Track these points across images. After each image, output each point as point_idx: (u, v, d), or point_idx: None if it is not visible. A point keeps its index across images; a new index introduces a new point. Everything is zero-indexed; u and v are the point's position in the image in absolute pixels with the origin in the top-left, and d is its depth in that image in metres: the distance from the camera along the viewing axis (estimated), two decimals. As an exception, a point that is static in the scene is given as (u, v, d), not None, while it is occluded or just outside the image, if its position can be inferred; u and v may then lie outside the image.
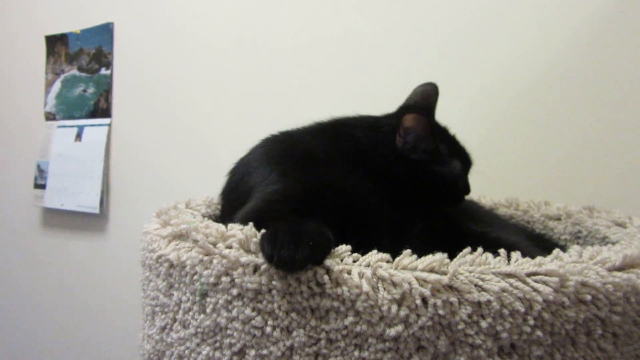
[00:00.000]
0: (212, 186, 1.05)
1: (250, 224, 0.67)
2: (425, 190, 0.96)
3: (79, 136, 2.28)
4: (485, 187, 1.38)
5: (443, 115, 1.50)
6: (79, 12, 2.28)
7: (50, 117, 2.39)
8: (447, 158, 0.99)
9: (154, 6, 2.06)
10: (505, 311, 0.56)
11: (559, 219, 1.21)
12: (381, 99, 1.54)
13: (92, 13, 2.23)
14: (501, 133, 1.47)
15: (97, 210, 2.19)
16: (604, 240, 1.08)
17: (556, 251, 0.64)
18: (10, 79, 2.51)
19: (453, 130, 1.44)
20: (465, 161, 1.05)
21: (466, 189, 1.03)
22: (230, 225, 0.70)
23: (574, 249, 0.66)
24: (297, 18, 1.75)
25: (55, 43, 2.37)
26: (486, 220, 1.16)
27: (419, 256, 0.73)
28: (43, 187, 2.38)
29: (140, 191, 2.13)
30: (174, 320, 0.72)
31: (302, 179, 0.84)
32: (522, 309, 0.56)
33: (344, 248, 0.64)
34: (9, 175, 2.53)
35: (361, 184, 0.89)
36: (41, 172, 2.39)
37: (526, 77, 1.42)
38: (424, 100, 1.11)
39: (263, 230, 0.66)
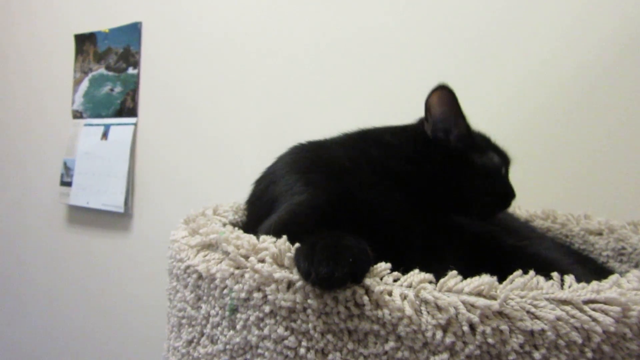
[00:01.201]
0: (237, 189, 1.02)
1: (284, 237, 0.64)
2: (465, 187, 0.89)
3: (105, 135, 2.28)
4: (519, 198, 1.34)
5: (475, 117, 1.46)
6: (108, 12, 2.28)
7: (77, 115, 2.40)
8: (484, 148, 0.93)
9: (182, 6, 2.05)
10: (561, 342, 0.52)
11: (600, 233, 1.15)
12: (406, 104, 1.52)
13: (120, 12, 2.23)
14: (537, 138, 1.40)
15: (121, 210, 2.18)
16: (652, 259, 1.03)
17: (615, 277, 0.59)
18: (40, 77, 2.53)
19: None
20: (502, 157, 0.98)
21: (510, 191, 0.96)
22: (262, 237, 0.66)
23: (634, 274, 0.61)
24: (325, 21, 1.71)
25: (84, 42, 2.38)
26: (522, 233, 1.11)
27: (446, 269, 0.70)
28: (69, 184, 2.38)
29: (164, 191, 2.12)
30: (202, 334, 0.69)
31: (328, 189, 0.80)
32: (580, 340, 0.52)
33: (383, 266, 0.61)
34: (36, 172, 2.54)
35: (390, 193, 0.84)
36: (67, 169, 2.40)
37: (568, 77, 1.36)
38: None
39: (297, 245, 0.62)
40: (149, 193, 2.18)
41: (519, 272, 0.58)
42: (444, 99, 0.86)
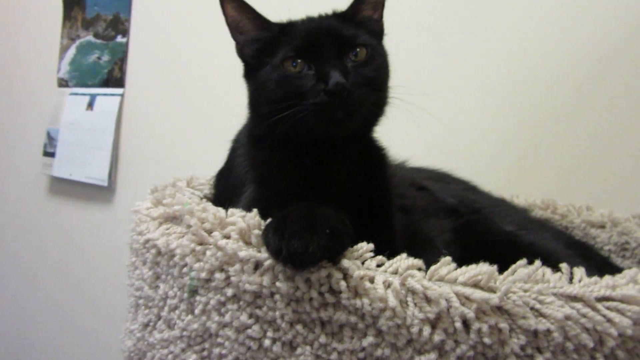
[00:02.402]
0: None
1: (255, 211, 0.56)
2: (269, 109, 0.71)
3: (90, 105, 2.19)
4: (517, 186, 1.26)
5: (483, 104, 1.38)
6: (98, -25, 2.17)
7: (63, 83, 2.30)
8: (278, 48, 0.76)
9: (174, -28, 1.95)
10: (569, 345, 0.44)
11: (603, 226, 1.08)
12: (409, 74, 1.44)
13: (111, -23, 2.12)
14: (537, 126, 1.32)
15: (105, 183, 2.10)
16: (658, 256, 0.96)
17: (632, 272, 0.50)
18: (25, 42, 2.42)
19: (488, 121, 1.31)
20: (302, 40, 0.76)
21: (324, 74, 0.70)
22: (231, 210, 0.58)
23: (652, 269, 0.53)
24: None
25: (73, 7, 2.27)
26: (518, 221, 1.03)
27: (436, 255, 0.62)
28: (52, 155, 2.29)
29: (150, 166, 2.03)
30: (158, 317, 0.61)
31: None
32: (591, 344, 0.44)
33: (365, 247, 0.52)
34: (18, 141, 2.44)
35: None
36: (51, 139, 2.30)
37: (569, 66, 1.28)
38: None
39: (269, 219, 0.54)
40: (134, 167, 2.09)
41: (523, 261, 0.50)
42: (236, 10, 0.79)
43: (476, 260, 0.57)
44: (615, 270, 0.97)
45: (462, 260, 0.61)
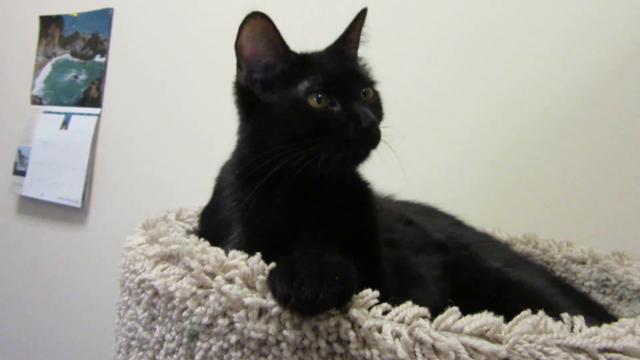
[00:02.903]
0: (205, 190, 0.93)
1: (258, 254, 0.55)
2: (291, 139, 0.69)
3: (65, 124, 2.15)
4: (500, 220, 1.28)
5: (460, 139, 1.41)
6: (78, -6, 2.15)
7: (36, 101, 2.25)
8: (297, 79, 0.73)
9: (157, -6, 1.94)
10: (576, 398, 0.45)
11: (583, 262, 1.10)
12: (408, 110, 1.45)
13: (92, -4, 2.10)
14: (520, 161, 1.36)
15: (78, 204, 2.05)
16: (638, 293, 0.98)
17: (630, 322, 0.52)
18: (-1, 57, 2.37)
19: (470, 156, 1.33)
20: (333, 76, 0.74)
21: (354, 115, 0.70)
22: (232, 252, 0.57)
23: (649, 318, 0.54)
24: (304, 6, 1.63)
25: (50, 24, 2.24)
26: (504, 258, 1.05)
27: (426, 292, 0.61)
28: (23, 174, 2.23)
29: (125, 188, 2.00)
30: (153, 360, 0.59)
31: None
32: (596, 397, 0.45)
33: (370, 294, 0.52)
34: (-13, 158, 2.38)
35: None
36: (22, 158, 2.25)
37: (550, 100, 1.32)
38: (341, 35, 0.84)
39: (272, 265, 0.54)
40: (109, 189, 2.05)
41: (527, 311, 0.51)
42: (257, 32, 0.73)
43: (467, 298, 0.58)
44: (595, 307, 1.00)
45: (451, 296, 0.61)
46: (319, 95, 0.71)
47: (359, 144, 0.70)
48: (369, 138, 0.70)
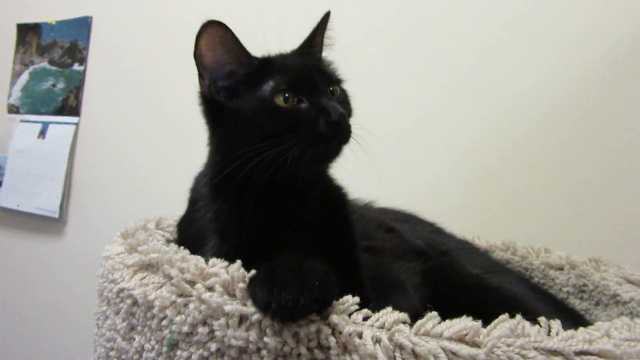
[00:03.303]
0: (185, 198, 0.92)
1: (239, 262, 0.55)
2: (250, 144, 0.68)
3: (42, 133, 2.12)
4: (480, 228, 1.30)
5: (440, 148, 1.42)
6: (57, 2, 2.13)
7: (13, 110, 2.22)
8: (261, 80, 0.74)
9: (137, 2, 1.93)
10: (553, 400, 0.45)
11: (561, 268, 1.12)
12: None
13: (70, 4, 2.08)
14: (499, 169, 1.38)
15: (56, 215, 2.02)
16: (614, 298, 0.99)
17: (605, 325, 0.53)
18: (-26, 65, 2.33)
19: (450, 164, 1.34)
20: (296, 74, 0.75)
21: (323, 110, 0.71)
22: (212, 260, 0.57)
23: (622, 321, 0.56)
24: (297, 19, 1.64)
25: (27, 32, 2.22)
26: (484, 264, 1.06)
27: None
28: (-1, 184, 2.20)
29: (104, 198, 1.97)
30: (133, 370, 0.58)
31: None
32: (573, 398, 0.46)
33: (351, 300, 0.53)
34: (-39, 169, 2.33)
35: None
36: (-3, 168, 2.21)
37: (529, 113, 1.34)
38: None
39: (252, 272, 0.54)
40: (87, 199, 2.02)
41: (505, 315, 0.51)
42: (215, 40, 0.73)
43: (447, 304, 0.58)
44: (572, 313, 1.02)
45: (432, 303, 0.62)
46: (286, 94, 0.71)
47: (330, 138, 0.69)
48: (340, 132, 0.70)
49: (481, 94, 1.39)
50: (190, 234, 0.76)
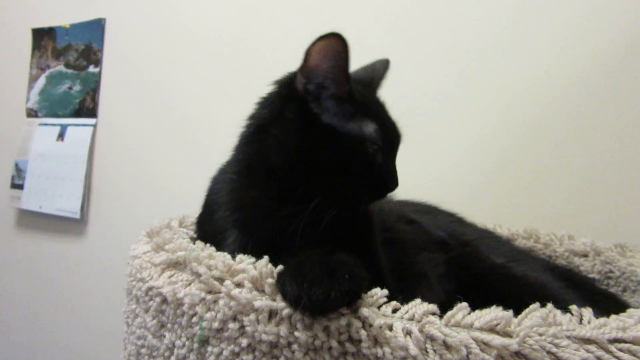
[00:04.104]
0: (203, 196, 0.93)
1: (266, 258, 0.55)
2: (327, 164, 0.70)
3: (61, 136, 2.14)
4: (501, 216, 1.29)
5: (458, 136, 1.42)
6: (70, 6, 2.14)
7: (32, 114, 2.25)
8: (360, 115, 0.73)
9: (149, 2, 1.94)
10: (587, 388, 0.45)
11: (585, 255, 1.11)
12: (391, 110, 1.46)
13: (83, 7, 2.10)
14: (519, 156, 1.36)
15: (77, 215, 2.04)
16: (643, 284, 0.99)
17: (638, 312, 0.52)
18: (-8, 71, 2.37)
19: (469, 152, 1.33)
20: (386, 130, 0.77)
21: (390, 175, 0.76)
22: (239, 257, 0.57)
23: (656, 307, 0.55)
24: (298, 15, 1.64)
25: (42, 37, 2.24)
26: (507, 253, 1.05)
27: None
28: (21, 187, 2.22)
29: (124, 198, 1.99)
30: (164, 367, 0.59)
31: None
32: (607, 386, 0.45)
33: (379, 292, 0.53)
34: (-16, 173, 2.37)
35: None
36: (19, 171, 2.24)
37: (548, 96, 1.33)
38: (367, 73, 0.87)
39: (280, 267, 0.54)
40: (107, 199, 2.04)
41: (536, 304, 0.51)
42: (332, 50, 0.69)
43: (472, 295, 0.58)
44: (602, 294, 1.00)
45: (456, 293, 0.62)
46: (375, 147, 0.73)
47: (380, 198, 0.76)
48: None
49: (500, 78, 1.37)
50: (209, 229, 0.75)
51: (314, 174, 0.69)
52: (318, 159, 0.70)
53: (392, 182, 0.75)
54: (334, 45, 0.68)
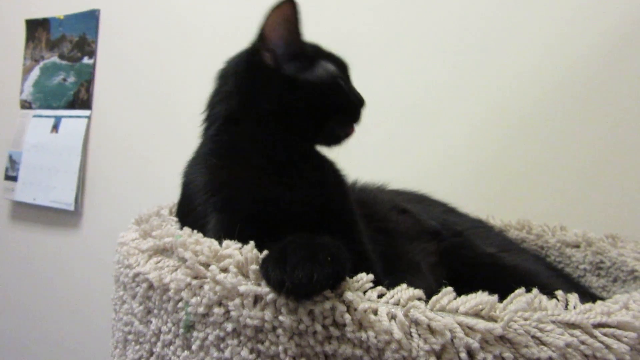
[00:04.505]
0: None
1: (252, 243, 0.55)
2: (306, 110, 0.79)
3: (55, 127, 2.14)
4: (494, 207, 1.29)
5: (452, 127, 1.41)
6: (64, -4, 2.13)
7: (25, 105, 2.24)
8: (316, 60, 0.83)
9: (144, -7, 1.93)
10: (571, 372, 0.45)
11: (577, 246, 1.11)
12: (386, 101, 1.46)
13: (77, -2, 2.09)
14: (512, 147, 1.36)
15: (71, 207, 2.04)
16: (632, 274, 0.98)
17: (624, 297, 0.52)
18: (-15, 62, 2.36)
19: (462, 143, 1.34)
20: (339, 65, 0.87)
21: (355, 98, 0.85)
22: (225, 242, 0.57)
23: (641, 293, 0.55)
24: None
25: (36, 28, 2.23)
26: (499, 243, 1.06)
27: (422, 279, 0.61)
28: (14, 179, 2.22)
29: (118, 190, 1.99)
30: (151, 353, 0.59)
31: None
32: (592, 370, 0.45)
33: (365, 277, 0.53)
34: (-23, 165, 2.36)
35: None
36: (13, 163, 2.23)
37: (541, 87, 1.33)
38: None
39: (264, 253, 0.54)
40: (102, 191, 2.04)
41: (522, 289, 0.51)
42: (287, 18, 0.78)
43: (463, 284, 0.58)
44: (584, 290, 1.01)
45: (449, 283, 0.61)
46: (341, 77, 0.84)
47: (359, 118, 0.86)
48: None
49: (494, 71, 1.37)
50: (190, 219, 0.74)
51: (299, 124, 0.79)
52: (301, 111, 0.78)
53: (360, 99, 0.86)
54: (285, 13, 0.77)
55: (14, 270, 2.25)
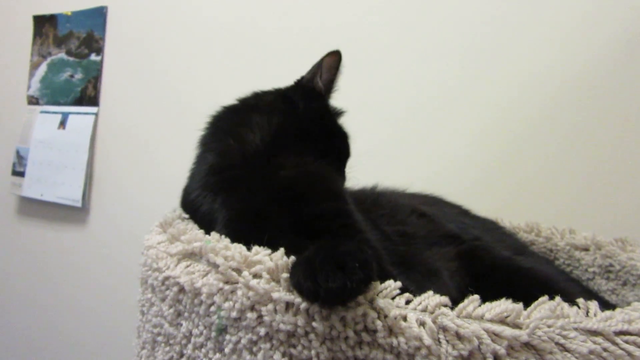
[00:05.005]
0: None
1: (282, 250, 0.57)
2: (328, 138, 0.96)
3: (62, 124, 2.15)
4: (503, 209, 1.31)
5: (460, 129, 1.43)
6: (71, -7, 2.14)
7: (33, 101, 2.25)
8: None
9: (152, -9, 1.94)
10: (595, 378, 0.47)
11: (586, 249, 1.13)
12: (396, 103, 1.48)
13: (85, -6, 2.09)
14: (521, 150, 1.38)
15: (79, 204, 2.05)
16: (642, 278, 1.01)
17: (642, 305, 0.54)
18: (-7, 58, 2.36)
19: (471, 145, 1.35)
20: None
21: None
22: (255, 248, 0.59)
23: (660, 301, 0.57)
24: (304, 8, 1.64)
25: (44, 24, 2.23)
26: (513, 246, 1.07)
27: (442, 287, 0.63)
28: (22, 174, 2.23)
29: (126, 185, 2.00)
30: (181, 355, 0.61)
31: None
32: (613, 377, 0.47)
33: (393, 284, 0.54)
34: (-15, 159, 2.37)
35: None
36: (20, 158, 2.24)
37: (550, 89, 1.34)
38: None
39: (292, 258, 0.55)
40: (109, 187, 2.05)
41: (545, 297, 0.53)
42: (335, 65, 0.97)
43: (481, 287, 0.60)
44: (593, 295, 1.02)
45: (468, 287, 0.63)
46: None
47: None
48: None
49: (503, 71, 1.39)
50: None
51: (318, 147, 0.90)
52: (322, 134, 0.94)
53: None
54: (335, 59, 0.97)
55: (21, 265, 2.26)
